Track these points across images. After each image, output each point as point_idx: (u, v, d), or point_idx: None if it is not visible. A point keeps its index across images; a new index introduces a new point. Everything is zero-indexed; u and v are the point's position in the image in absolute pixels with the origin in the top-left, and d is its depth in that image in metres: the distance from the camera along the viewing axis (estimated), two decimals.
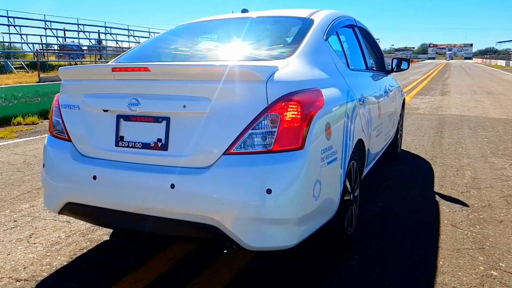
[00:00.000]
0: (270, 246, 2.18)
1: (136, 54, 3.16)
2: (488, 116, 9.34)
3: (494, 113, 9.85)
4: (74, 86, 2.54)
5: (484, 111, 10.31)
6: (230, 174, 2.09)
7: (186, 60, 2.98)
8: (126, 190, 2.24)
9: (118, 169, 2.29)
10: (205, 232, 2.16)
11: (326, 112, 2.37)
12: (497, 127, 7.94)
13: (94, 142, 2.41)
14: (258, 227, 2.10)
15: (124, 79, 2.33)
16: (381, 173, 4.81)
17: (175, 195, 2.13)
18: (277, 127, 2.10)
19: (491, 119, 8.89)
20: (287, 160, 2.10)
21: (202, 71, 2.22)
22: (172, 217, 2.16)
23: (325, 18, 3.20)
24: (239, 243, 2.12)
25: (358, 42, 3.98)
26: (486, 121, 8.62)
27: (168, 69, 2.30)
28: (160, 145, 2.24)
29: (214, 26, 3.58)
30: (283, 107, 2.12)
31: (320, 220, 2.40)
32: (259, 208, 2.06)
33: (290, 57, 2.55)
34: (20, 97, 9.32)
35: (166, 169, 2.19)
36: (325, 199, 2.38)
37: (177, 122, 2.22)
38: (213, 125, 2.14)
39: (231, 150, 2.11)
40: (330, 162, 2.39)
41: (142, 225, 2.28)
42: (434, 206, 3.75)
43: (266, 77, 2.12)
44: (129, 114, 2.31)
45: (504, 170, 4.93)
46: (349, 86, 2.95)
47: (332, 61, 2.93)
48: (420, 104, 11.71)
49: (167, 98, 2.22)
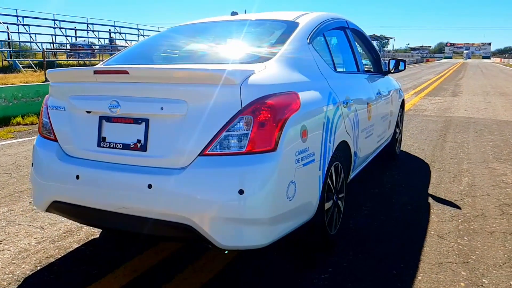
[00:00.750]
0: (242, 246, 2.24)
1: (125, 56, 3.26)
2: (497, 119, 9.09)
3: (504, 115, 9.59)
4: (61, 88, 2.64)
5: (494, 113, 10.05)
6: (204, 174, 2.17)
7: (171, 62, 3.10)
8: (107, 189, 2.33)
9: (99, 169, 2.38)
10: (181, 231, 2.23)
11: (302, 115, 2.41)
12: (505, 130, 7.71)
13: (78, 143, 2.51)
14: (231, 226, 2.17)
15: (105, 82, 2.43)
16: (373, 178, 4.67)
17: (152, 195, 2.21)
18: (250, 129, 2.17)
19: (499, 122, 8.65)
20: (259, 161, 2.17)
21: (178, 75, 2.30)
22: (150, 217, 2.24)
23: (310, 21, 3.23)
24: (213, 243, 2.18)
25: (349, 44, 3.97)
26: (494, 124, 8.38)
27: (145, 72, 2.36)
28: (139, 146, 2.33)
29: (202, 29, 3.64)
30: (257, 110, 2.19)
31: (296, 220, 2.46)
32: (231, 208, 2.14)
33: (270, 61, 2.60)
34: (20, 97, 9.36)
35: (144, 170, 2.28)
36: (301, 200, 2.43)
37: (155, 124, 2.30)
38: (189, 127, 2.22)
39: (206, 152, 2.19)
40: (306, 164, 2.44)
41: (121, 224, 2.39)
42: (423, 215, 3.60)
43: (240, 81, 2.20)
44: (110, 116, 2.40)
45: (504, 176, 4.75)
46: (333, 88, 2.97)
47: (314, 64, 2.96)
48: (428, 106, 11.48)
49: (145, 100, 2.31)
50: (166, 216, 2.20)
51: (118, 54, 3.32)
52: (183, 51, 3.31)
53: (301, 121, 2.39)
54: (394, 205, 3.85)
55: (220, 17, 3.89)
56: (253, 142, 2.17)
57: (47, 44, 26.16)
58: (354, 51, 4.00)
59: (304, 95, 2.51)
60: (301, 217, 2.49)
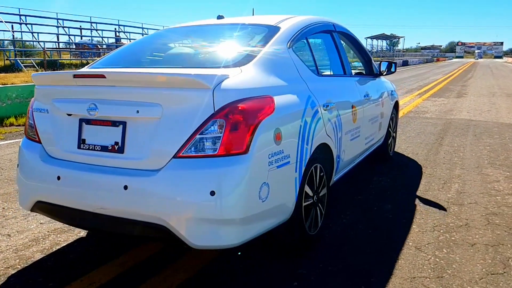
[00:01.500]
0: (215, 245, 2.32)
1: (110, 59, 3.35)
2: (499, 121, 8.91)
3: (506, 118, 9.40)
4: (44, 91, 2.74)
5: (497, 115, 9.86)
6: (178, 176, 2.25)
7: (153, 65, 3.17)
8: (85, 190, 2.42)
9: (78, 170, 2.47)
10: (156, 231, 2.31)
11: (277, 118, 2.49)
12: (505, 133, 7.54)
13: (59, 144, 2.61)
14: (203, 227, 2.25)
15: (84, 85, 2.53)
16: (357, 184, 4.56)
17: (128, 196, 2.30)
18: (222, 133, 2.24)
19: (501, 125, 8.47)
20: (231, 163, 2.24)
21: (153, 79, 2.37)
22: (126, 217, 2.32)
23: (292, 26, 3.30)
24: (186, 243, 2.26)
25: (335, 48, 4.01)
26: (495, 127, 8.21)
27: (122, 76, 2.48)
28: (117, 148, 2.42)
29: (186, 33, 3.75)
30: (229, 113, 2.26)
31: (271, 220, 2.53)
32: (203, 209, 2.22)
33: (247, 65, 2.67)
34: (14, 97, 9.37)
35: (121, 171, 2.37)
36: (276, 201, 2.51)
37: (132, 126, 2.39)
38: (164, 129, 2.30)
39: (180, 154, 2.27)
40: (281, 166, 2.51)
41: (101, 224, 2.49)
42: (403, 224, 3.49)
43: (213, 85, 2.28)
44: (90, 118, 2.50)
45: (496, 183, 4.61)
46: (312, 92, 3.03)
47: (294, 68, 3.02)
48: (430, 107, 11.30)
49: (122, 104, 2.40)
50: (141, 216, 2.29)
51: (105, 57, 3.39)
52: (166, 55, 3.38)
53: (275, 124, 2.46)
54: (376, 213, 3.74)
55: (206, 20, 3.97)
56: (225, 144, 2.24)
57: (51, 44, 26.31)
58: (340, 54, 4.03)
59: (280, 99, 2.58)
60: (276, 217, 2.58)
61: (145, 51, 3.54)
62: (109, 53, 3.55)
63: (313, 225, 3.02)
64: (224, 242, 2.30)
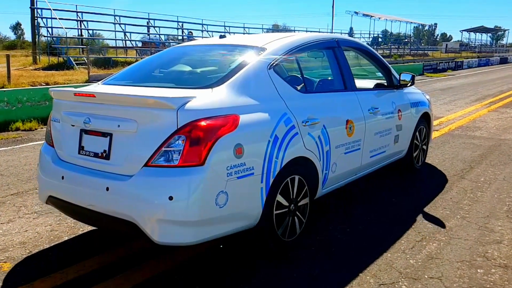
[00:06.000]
0: (174, 242, 2.85)
1: (122, 75, 3.96)
2: None
3: None
4: (58, 104, 3.41)
5: None
6: (146, 182, 2.78)
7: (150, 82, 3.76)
8: (80, 189, 3.05)
9: (77, 172, 3.10)
10: (130, 228, 2.82)
11: (239, 135, 2.92)
12: None
13: (66, 149, 3.27)
14: (164, 226, 2.76)
15: (82, 102, 3.18)
16: (339, 215, 3.79)
17: (109, 196, 2.87)
18: (183, 146, 2.73)
19: None
20: (187, 173, 2.73)
21: (130, 100, 2.94)
22: (108, 214, 2.89)
23: (279, 47, 3.68)
24: (151, 239, 2.77)
25: (337, 64, 4.25)
26: None
27: (106, 97, 3.13)
28: (104, 155, 3.00)
29: (187, 52, 4.37)
30: (189, 130, 2.75)
31: (231, 225, 3.00)
32: (163, 211, 2.73)
33: (220, 86, 3.13)
34: (25, 100, 9.59)
35: (105, 175, 2.95)
36: (236, 208, 2.95)
37: (117, 138, 2.97)
38: (138, 142, 2.85)
39: (149, 163, 2.80)
40: (242, 177, 2.93)
41: (92, 219, 3.20)
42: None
43: (178, 106, 2.77)
44: (87, 129, 3.10)
45: (495, 245, 3.59)
46: (290, 109, 3.38)
47: (272, 87, 3.39)
48: (489, 122, 9.80)
49: (108, 119, 3.00)
50: (118, 214, 2.84)
51: (119, 72, 4.08)
52: (167, 71, 3.99)
53: (236, 140, 2.89)
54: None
55: (205, 40, 4.60)
56: (184, 157, 2.73)
57: (111, 41, 27.54)
58: (342, 70, 4.25)
59: (246, 117, 3.01)
60: (237, 222, 3.03)
61: (152, 68, 4.16)
62: (124, 68, 4.29)
63: (288, 233, 3.41)
64: (182, 240, 2.82)
